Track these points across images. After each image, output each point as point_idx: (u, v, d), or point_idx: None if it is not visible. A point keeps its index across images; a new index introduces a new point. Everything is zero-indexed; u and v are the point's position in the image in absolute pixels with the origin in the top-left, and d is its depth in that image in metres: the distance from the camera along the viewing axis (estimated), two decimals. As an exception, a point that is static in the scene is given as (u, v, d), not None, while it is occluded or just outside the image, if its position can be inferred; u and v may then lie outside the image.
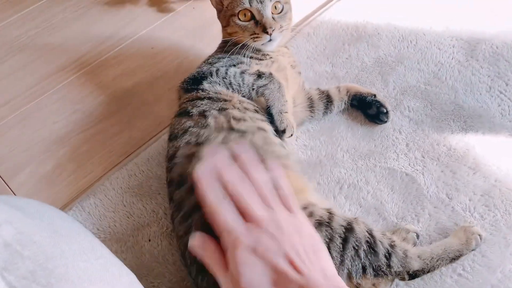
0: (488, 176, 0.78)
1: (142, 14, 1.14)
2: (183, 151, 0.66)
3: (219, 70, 0.75)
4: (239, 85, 0.74)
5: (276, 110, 0.75)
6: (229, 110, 0.70)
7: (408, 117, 0.87)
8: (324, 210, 0.63)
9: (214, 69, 0.75)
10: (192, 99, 0.73)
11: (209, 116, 0.69)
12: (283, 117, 0.75)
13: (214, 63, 0.79)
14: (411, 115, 0.87)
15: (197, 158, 0.56)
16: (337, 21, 1.04)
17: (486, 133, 0.84)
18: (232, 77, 0.74)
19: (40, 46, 1.09)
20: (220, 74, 0.74)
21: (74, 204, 0.80)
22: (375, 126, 0.86)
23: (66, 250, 0.44)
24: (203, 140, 0.66)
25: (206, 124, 0.68)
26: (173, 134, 0.71)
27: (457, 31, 0.99)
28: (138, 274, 0.70)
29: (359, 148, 0.84)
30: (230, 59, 0.79)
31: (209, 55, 0.84)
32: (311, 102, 0.86)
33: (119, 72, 1.02)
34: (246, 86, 0.74)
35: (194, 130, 0.68)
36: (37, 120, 0.95)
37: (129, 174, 0.83)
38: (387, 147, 0.83)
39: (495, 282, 0.68)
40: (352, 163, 0.82)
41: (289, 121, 0.76)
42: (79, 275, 0.44)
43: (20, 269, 0.37)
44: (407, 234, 0.71)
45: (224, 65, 0.77)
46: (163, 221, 0.77)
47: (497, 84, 0.90)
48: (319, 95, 0.86)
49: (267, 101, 0.75)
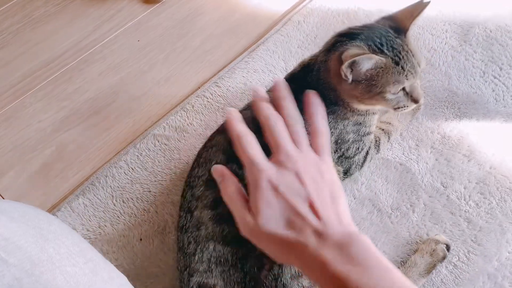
0: (483, 163, 0.78)
1: (127, 6, 1.11)
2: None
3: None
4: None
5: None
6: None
7: (401, 105, 0.85)
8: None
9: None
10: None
11: None
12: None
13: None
14: (405, 103, 0.85)
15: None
16: (328, 8, 1.02)
17: (480, 120, 0.83)
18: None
19: (22, 42, 1.06)
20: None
21: (62, 205, 0.78)
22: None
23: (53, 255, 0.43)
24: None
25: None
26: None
27: (450, 15, 0.97)
28: (129, 275, 0.69)
29: (352, 138, 0.82)
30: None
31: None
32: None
33: (105, 67, 1.00)
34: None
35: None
36: (21, 119, 0.92)
37: (119, 172, 0.81)
38: (380, 137, 0.82)
39: (492, 270, 0.68)
40: (346, 154, 0.80)
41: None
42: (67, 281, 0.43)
43: (6, 276, 0.36)
44: (436, 245, 0.68)
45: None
46: (154, 220, 0.76)
47: (491, 69, 0.88)
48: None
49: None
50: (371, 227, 0.73)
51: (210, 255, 0.60)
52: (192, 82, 0.95)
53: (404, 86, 0.63)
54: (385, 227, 0.73)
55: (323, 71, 0.66)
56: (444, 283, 0.67)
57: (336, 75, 0.63)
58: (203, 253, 0.60)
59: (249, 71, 0.93)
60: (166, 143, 0.84)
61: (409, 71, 0.62)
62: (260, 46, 0.96)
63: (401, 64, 0.61)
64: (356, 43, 0.61)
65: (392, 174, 0.78)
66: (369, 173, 0.78)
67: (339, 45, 0.63)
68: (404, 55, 0.61)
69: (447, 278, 0.68)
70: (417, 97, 0.65)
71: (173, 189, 0.79)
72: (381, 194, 0.76)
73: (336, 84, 0.65)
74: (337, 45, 0.64)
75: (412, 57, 0.62)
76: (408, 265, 0.67)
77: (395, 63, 0.60)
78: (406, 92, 0.64)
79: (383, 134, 0.78)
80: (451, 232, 0.72)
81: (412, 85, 0.64)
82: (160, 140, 0.84)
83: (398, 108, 0.65)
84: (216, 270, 0.59)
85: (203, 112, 0.88)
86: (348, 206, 0.48)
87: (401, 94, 0.64)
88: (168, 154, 0.83)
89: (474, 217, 0.72)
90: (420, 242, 0.71)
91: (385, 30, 0.63)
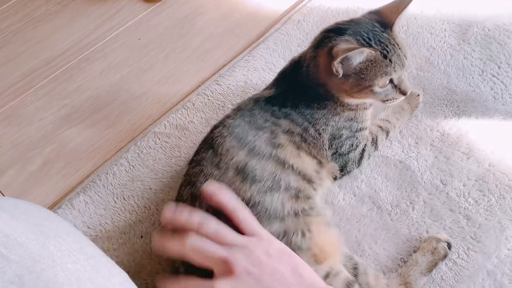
0: (482, 161, 0.78)
1: (128, 5, 1.11)
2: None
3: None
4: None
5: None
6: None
7: (400, 103, 0.86)
8: (343, 283, 0.60)
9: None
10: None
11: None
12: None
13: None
14: (404, 102, 0.86)
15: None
16: (328, 7, 1.02)
17: (479, 118, 0.83)
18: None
19: (23, 41, 1.06)
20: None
21: (63, 202, 0.79)
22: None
23: (54, 252, 0.43)
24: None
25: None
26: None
27: (449, 14, 0.98)
28: (130, 272, 0.69)
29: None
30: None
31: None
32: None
33: (105, 66, 1.00)
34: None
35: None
36: (22, 117, 0.92)
37: (119, 170, 0.82)
38: (380, 135, 0.82)
39: (491, 267, 0.68)
40: (345, 151, 0.81)
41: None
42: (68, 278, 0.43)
43: (7, 273, 0.36)
44: (438, 243, 0.68)
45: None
46: (155, 217, 0.76)
47: (489, 67, 0.89)
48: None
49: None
50: (371, 224, 0.73)
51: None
52: (192, 81, 0.95)
53: (392, 79, 0.64)
54: (385, 224, 0.73)
55: (312, 67, 0.67)
56: (444, 280, 0.68)
57: (326, 71, 0.64)
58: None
59: (249, 69, 0.93)
60: (167, 140, 0.84)
61: (397, 63, 0.63)
62: (260, 44, 0.97)
63: (388, 57, 0.62)
64: (345, 38, 0.62)
65: (391, 171, 0.78)
66: (369, 170, 0.78)
67: (327, 41, 0.64)
68: (391, 48, 0.62)
69: (447, 275, 0.68)
70: (405, 89, 0.66)
71: (174, 186, 0.79)
72: (381, 192, 0.76)
73: (325, 79, 0.66)
74: (325, 41, 0.65)
75: (399, 50, 0.64)
76: (410, 263, 0.68)
77: (383, 56, 0.62)
78: (394, 85, 0.66)
79: (380, 131, 0.78)
80: (451, 229, 0.72)
81: (400, 77, 0.65)
82: (161, 138, 0.85)
83: (387, 100, 0.67)
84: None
85: (203, 110, 0.88)
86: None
87: (390, 86, 0.65)
88: (169, 151, 0.83)
89: (473, 214, 0.73)
90: (421, 241, 0.71)
91: (372, 24, 0.64)
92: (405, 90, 0.66)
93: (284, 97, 0.69)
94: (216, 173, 0.60)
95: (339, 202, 0.75)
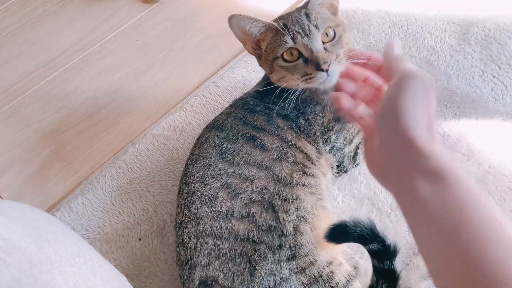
0: (482, 163, 0.77)
1: (126, 5, 1.11)
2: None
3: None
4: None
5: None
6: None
7: (400, 104, 0.85)
8: (345, 274, 0.60)
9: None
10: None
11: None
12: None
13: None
14: (404, 103, 0.85)
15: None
16: (326, 7, 1.01)
17: (479, 119, 0.82)
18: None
19: (21, 42, 1.06)
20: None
21: (61, 205, 0.78)
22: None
23: (52, 255, 0.43)
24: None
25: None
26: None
27: (449, 15, 0.97)
28: (129, 275, 0.69)
29: (351, 138, 0.82)
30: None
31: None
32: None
33: (104, 67, 0.99)
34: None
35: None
36: (20, 119, 0.92)
37: (118, 172, 0.81)
38: (379, 136, 0.82)
39: (491, 269, 0.68)
40: (345, 153, 0.80)
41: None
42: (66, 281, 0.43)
43: (5, 277, 0.36)
44: None
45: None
46: (153, 219, 0.76)
47: (489, 68, 0.88)
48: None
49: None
50: (370, 227, 0.73)
51: (210, 248, 0.60)
52: (191, 82, 0.95)
53: (300, 51, 0.61)
54: (384, 226, 0.73)
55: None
56: (443, 282, 0.67)
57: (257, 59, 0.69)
58: (203, 246, 0.60)
59: (248, 70, 0.93)
60: (165, 142, 0.84)
61: (297, 31, 0.61)
62: (259, 45, 0.96)
63: (288, 27, 0.61)
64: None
65: (391, 173, 0.78)
66: (368, 172, 0.78)
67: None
68: (293, 19, 0.62)
69: (446, 277, 0.68)
70: (316, 60, 0.59)
71: (172, 188, 0.78)
72: (381, 194, 0.76)
73: (260, 65, 0.70)
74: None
75: (306, 19, 0.62)
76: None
77: (283, 25, 0.61)
78: (305, 58, 0.61)
79: None
80: (450, 231, 0.71)
81: (310, 50, 0.60)
82: (159, 140, 0.84)
83: (306, 78, 0.62)
84: (216, 262, 0.59)
85: (202, 111, 0.88)
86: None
87: (301, 61, 0.62)
88: (167, 153, 0.83)
89: (473, 216, 0.72)
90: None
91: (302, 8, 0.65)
92: (316, 61, 0.59)
93: (274, 88, 0.69)
94: (225, 144, 0.66)
95: (339, 204, 0.75)
